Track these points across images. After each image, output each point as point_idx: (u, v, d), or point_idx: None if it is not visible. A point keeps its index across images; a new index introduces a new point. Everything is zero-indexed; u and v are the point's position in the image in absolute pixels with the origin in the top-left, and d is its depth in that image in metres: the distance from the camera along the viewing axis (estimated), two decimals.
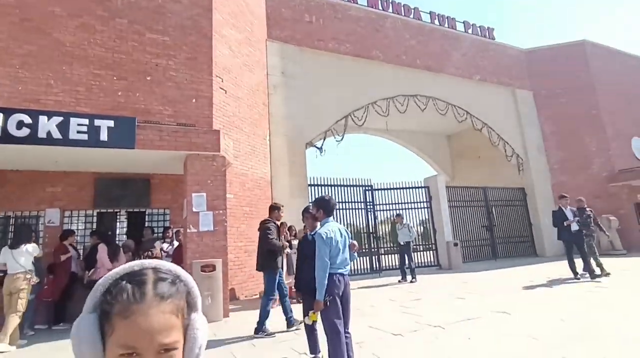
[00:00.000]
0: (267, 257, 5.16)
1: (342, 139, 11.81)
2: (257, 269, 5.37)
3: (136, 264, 0.66)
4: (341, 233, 3.36)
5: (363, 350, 3.82)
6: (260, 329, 4.87)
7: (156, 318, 0.59)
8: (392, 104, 12.44)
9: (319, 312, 3.11)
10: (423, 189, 12.60)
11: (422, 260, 12.35)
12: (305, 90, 11.07)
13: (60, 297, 6.33)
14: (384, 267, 11.66)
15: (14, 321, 4.87)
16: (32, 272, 5.20)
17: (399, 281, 9.36)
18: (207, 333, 0.69)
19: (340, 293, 3.19)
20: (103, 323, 0.61)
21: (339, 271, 3.20)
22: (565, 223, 8.04)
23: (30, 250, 5.21)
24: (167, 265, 0.67)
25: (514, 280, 8.40)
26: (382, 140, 17.32)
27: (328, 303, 3.04)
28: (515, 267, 10.86)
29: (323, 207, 3.40)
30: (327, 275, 3.06)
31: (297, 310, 5.60)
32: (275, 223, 5.35)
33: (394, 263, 11.72)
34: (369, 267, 11.39)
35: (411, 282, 9.16)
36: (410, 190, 12.54)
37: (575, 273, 7.91)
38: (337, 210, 10.13)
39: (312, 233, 3.76)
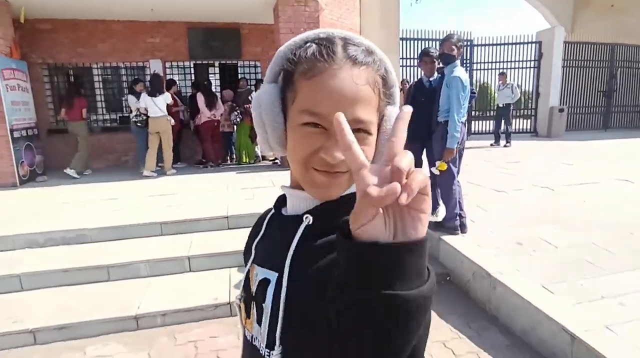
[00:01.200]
0: None
1: None
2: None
3: (322, 32, 0.52)
4: None
5: (467, 202, 3.78)
6: None
7: (348, 82, 0.46)
8: None
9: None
10: (532, 46, 10.79)
11: (515, 127, 11.39)
12: None
13: (174, 140, 7.08)
14: (472, 131, 11.13)
15: (169, 154, 6.30)
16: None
17: (491, 144, 8.91)
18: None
19: (460, 142, 3.02)
20: (285, 93, 0.51)
21: (462, 119, 2.97)
22: None
23: (164, 98, 6.09)
24: (359, 37, 0.52)
25: (634, 150, 7.48)
26: None
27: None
28: (635, 138, 9.54)
29: (459, 47, 2.98)
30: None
31: None
32: None
33: (481, 129, 11.05)
34: None
35: (505, 146, 8.67)
36: (516, 47, 10.84)
37: None
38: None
39: (430, 78, 3.42)
